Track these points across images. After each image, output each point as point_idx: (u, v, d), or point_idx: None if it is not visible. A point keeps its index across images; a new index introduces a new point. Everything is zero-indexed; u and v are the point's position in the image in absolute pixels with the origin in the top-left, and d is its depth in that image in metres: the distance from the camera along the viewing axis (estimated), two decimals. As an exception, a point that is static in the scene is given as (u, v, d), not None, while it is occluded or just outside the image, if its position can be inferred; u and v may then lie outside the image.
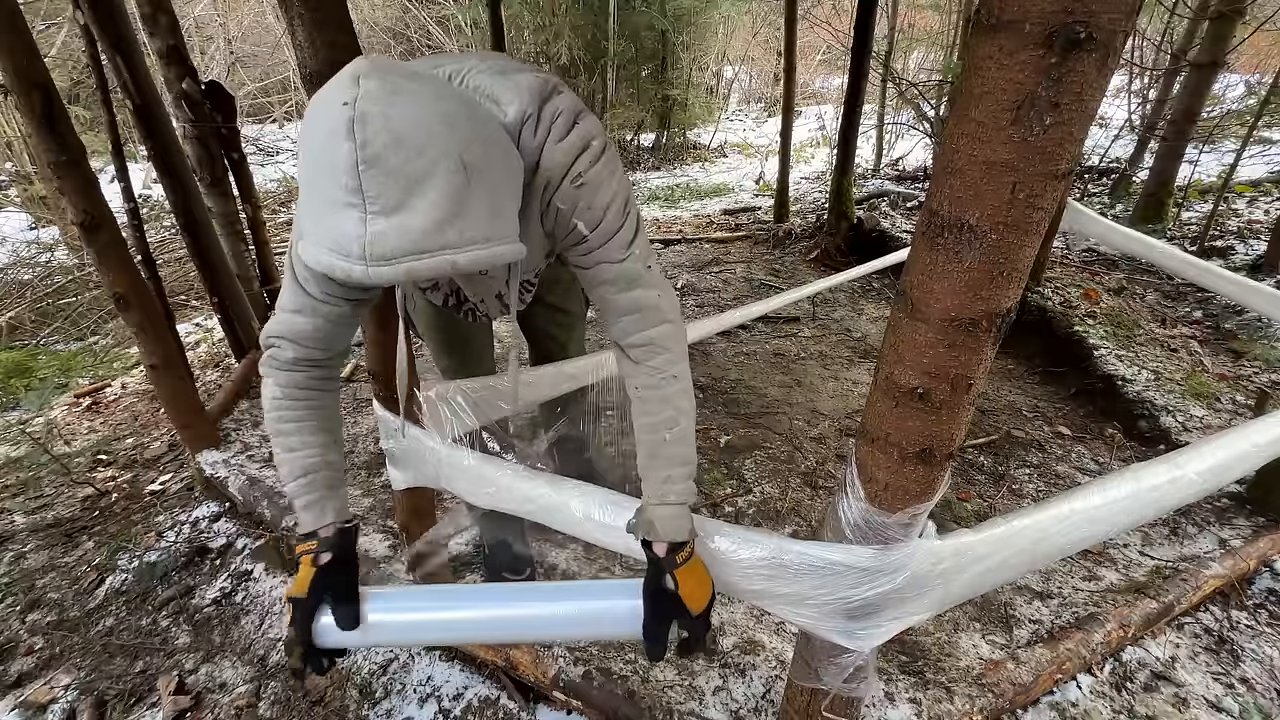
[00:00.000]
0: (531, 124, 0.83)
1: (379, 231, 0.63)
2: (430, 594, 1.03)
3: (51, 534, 2.08)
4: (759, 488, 2.12)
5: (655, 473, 0.95)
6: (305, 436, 0.97)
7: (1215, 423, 2.32)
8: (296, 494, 0.96)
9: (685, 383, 0.97)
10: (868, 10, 3.64)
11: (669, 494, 0.94)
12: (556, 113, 0.84)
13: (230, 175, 2.84)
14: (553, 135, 0.84)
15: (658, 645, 0.90)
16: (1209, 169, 4.79)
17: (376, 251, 0.63)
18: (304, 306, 0.90)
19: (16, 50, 1.57)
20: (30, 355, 3.27)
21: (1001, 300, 0.70)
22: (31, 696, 1.55)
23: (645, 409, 0.96)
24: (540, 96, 0.84)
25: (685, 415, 0.96)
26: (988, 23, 0.59)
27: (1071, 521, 1.03)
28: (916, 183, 5.50)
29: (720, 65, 10.41)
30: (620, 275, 0.92)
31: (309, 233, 0.68)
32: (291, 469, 0.96)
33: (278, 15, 8.03)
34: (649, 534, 0.93)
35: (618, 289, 0.93)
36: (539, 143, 0.84)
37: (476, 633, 1.01)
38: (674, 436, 0.95)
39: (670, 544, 0.91)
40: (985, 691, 1.39)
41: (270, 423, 0.97)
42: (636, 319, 0.94)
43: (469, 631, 1.01)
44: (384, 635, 0.96)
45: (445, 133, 0.64)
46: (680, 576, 0.90)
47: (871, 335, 3.25)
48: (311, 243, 0.67)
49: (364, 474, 2.19)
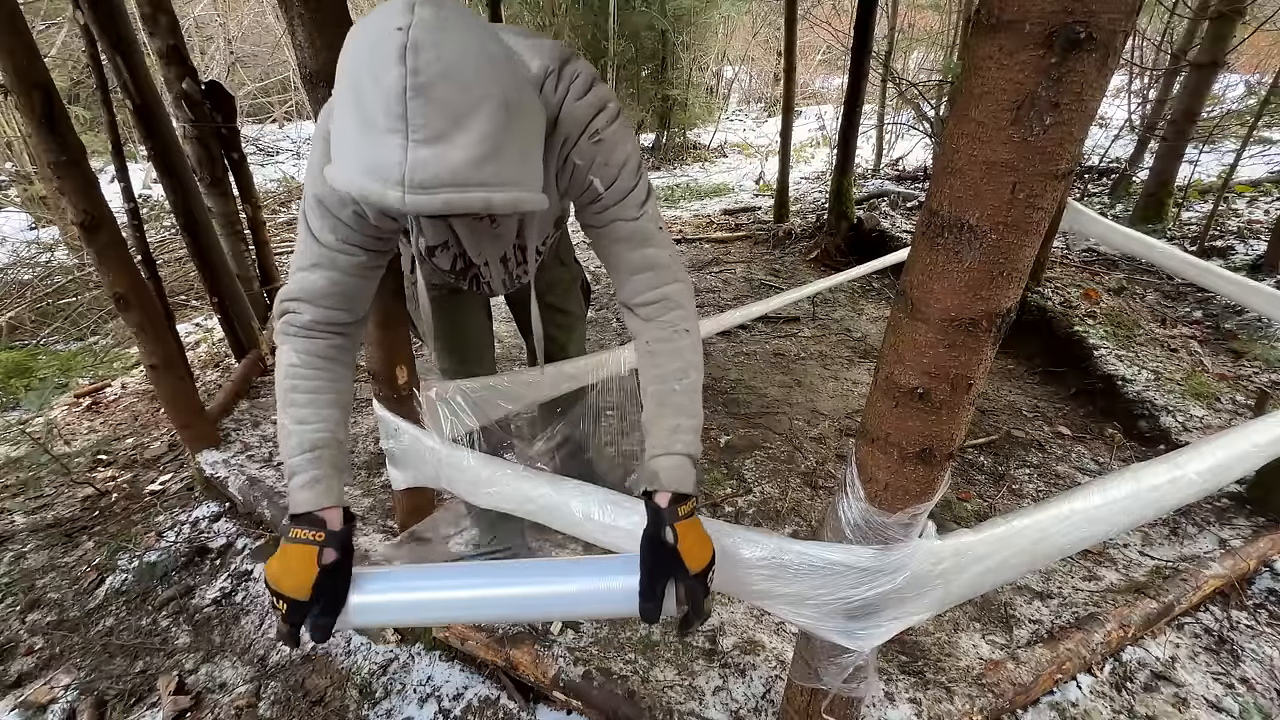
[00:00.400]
0: (553, 80, 0.86)
1: (420, 160, 0.64)
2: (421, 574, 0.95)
3: (51, 534, 2.08)
4: (759, 488, 2.12)
5: (663, 422, 0.93)
6: (319, 409, 0.91)
7: (1215, 423, 2.32)
8: (299, 469, 0.89)
9: (696, 339, 0.97)
10: (868, 10, 3.64)
11: (675, 444, 0.91)
12: (575, 73, 0.88)
13: (230, 175, 2.85)
14: (572, 93, 0.87)
15: (652, 604, 0.83)
16: (1209, 169, 4.79)
17: (417, 179, 0.64)
18: (320, 259, 0.89)
19: (16, 50, 1.57)
20: (30, 355, 3.27)
21: (1001, 300, 0.70)
22: (31, 696, 1.55)
23: (656, 362, 0.95)
24: (561, 58, 0.88)
25: (695, 369, 0.96)
26: (988, 23, 0.59)
27: (1071, 521, 1.03)
28: (916, 183, 5.50)
29: (720, 65, 10.42)
30: (634, 234, 0.94)
31: (343, 158, 0.68)
32: (300, 442, 0.90)
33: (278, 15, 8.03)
34: (652, 484, 0.89)
35: (631, 247, 0.95)
36: (559, 98, 0.87)
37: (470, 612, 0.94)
38: (684, 388, 0.94)
39: (673, 495, 0.87)
40: (985, 691, 1.39)
41: (282, 392, 0.92)
42: (649, 277, 0.96)
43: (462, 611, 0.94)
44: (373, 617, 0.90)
45: (491, 72, 0.66)
46: (680, 530, 0.85)
47: (871, 335, 3.25)
48: (347, 167, 0.67)
49: (364, 474, 2.19)
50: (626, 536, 1.03)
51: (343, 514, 0.89)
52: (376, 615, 0.90)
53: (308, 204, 0.89)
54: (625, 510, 1.04)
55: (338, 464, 0.91)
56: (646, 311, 0.97)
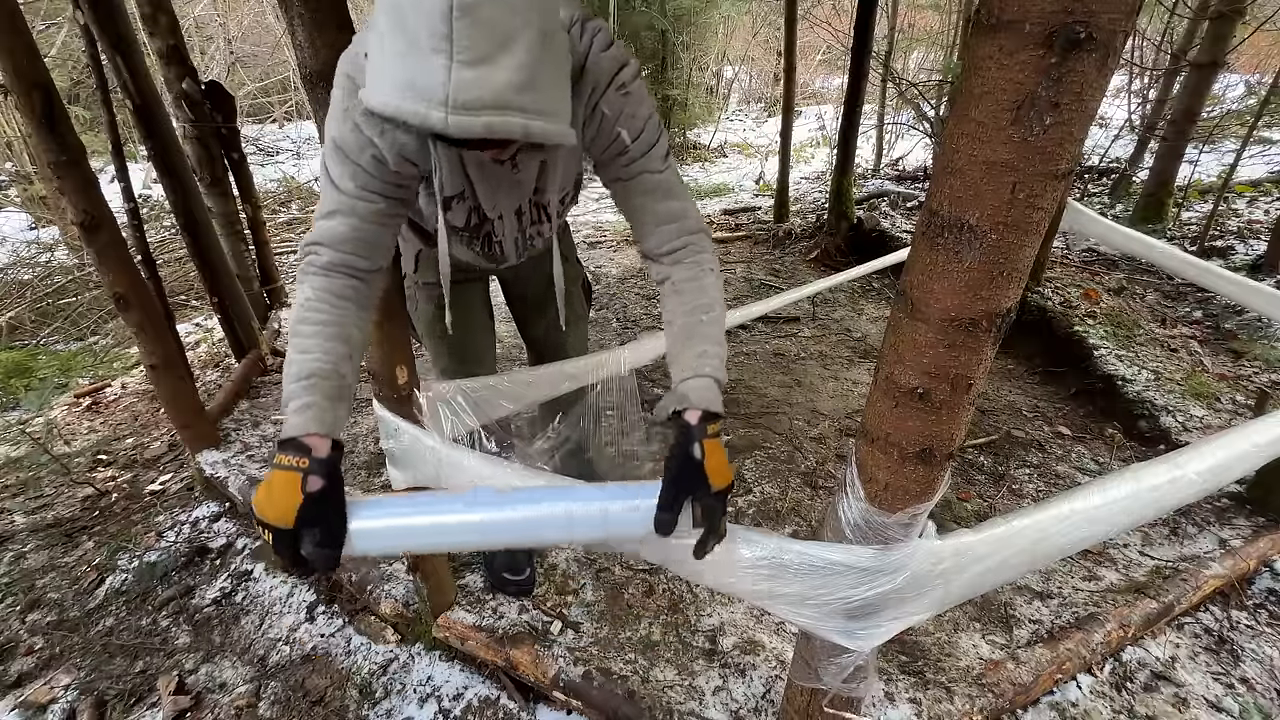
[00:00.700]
0: (578, 29, 0.90)
1: (464, 80, 0.65)
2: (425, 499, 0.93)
3: (51, 534, 2.08)
4: (759, 488, 2.12)
5: (691, 349, 0.96)
6: (323, 341, 0.89)
7: (1215, 423, 2.32)
8: (293, 396, 0.86)
9: (719, 279, 1.03)
10: (868, 10, 3.64)
11: (704, 368, 0.93)
12: (597, 28, 0.92)
13: (230, 175, 2.85)
14: (597, 44, 0.91)
15: (669, 515, 0.84)
16: (1209, 169, 4.78)
17: (460, 99, 0.65)
18: (339, 206, 0.90)
19: (16, 50, 1.57)
20: (30, 355, 3.27)
21: (1001, 300, 0.70)
22: (31, 696, 1.55)
23: (683, 299, 0.99)
24: (583, 14, 0.93)
25: (719, 305, 1.00)
26: (988, 23, 0.59)
27: (1071, 521, 1.03)
28: (916, 183, 5.50)
29: (720, 65, 10.41)
30: (659, 186, 1.00)
31: (382, 79, 0.69)
32: (298, 370, 0.87)
33: (278, 15, 8.03)
34: (681, 404, 0.91)
35: (658, 199, 1.01)
36: (584, 48, 0.90)
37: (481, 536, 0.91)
38: (710, 319, 0.98)
39: (703, 412, 0.89)
40: (985, 691, 1.39)
41: (292, 325, 0.91)
42: (676, 227, 1.01)
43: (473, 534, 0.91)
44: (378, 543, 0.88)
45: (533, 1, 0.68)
46: (708, 447, 0.86)
47: (871, 335, 3.25)
48: (385, 89, 0.68)
49: (364, 474, 2.19)
50: (627, 534, 1.03)
51: (330, 443, 0.86)
52: (381, 541, 0.89)
53: (327, 151, 0.90)
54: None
55: (332, 395, 0.88)
56: (673, 257, 1.01)
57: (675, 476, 0.86)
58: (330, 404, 0.87)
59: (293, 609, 1.76)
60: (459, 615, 1.58)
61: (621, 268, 4.28)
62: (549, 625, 1.59)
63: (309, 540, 0.81)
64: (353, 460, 2.26)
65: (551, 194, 1.15)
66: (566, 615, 1.63)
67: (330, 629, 1.69)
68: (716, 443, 0.88)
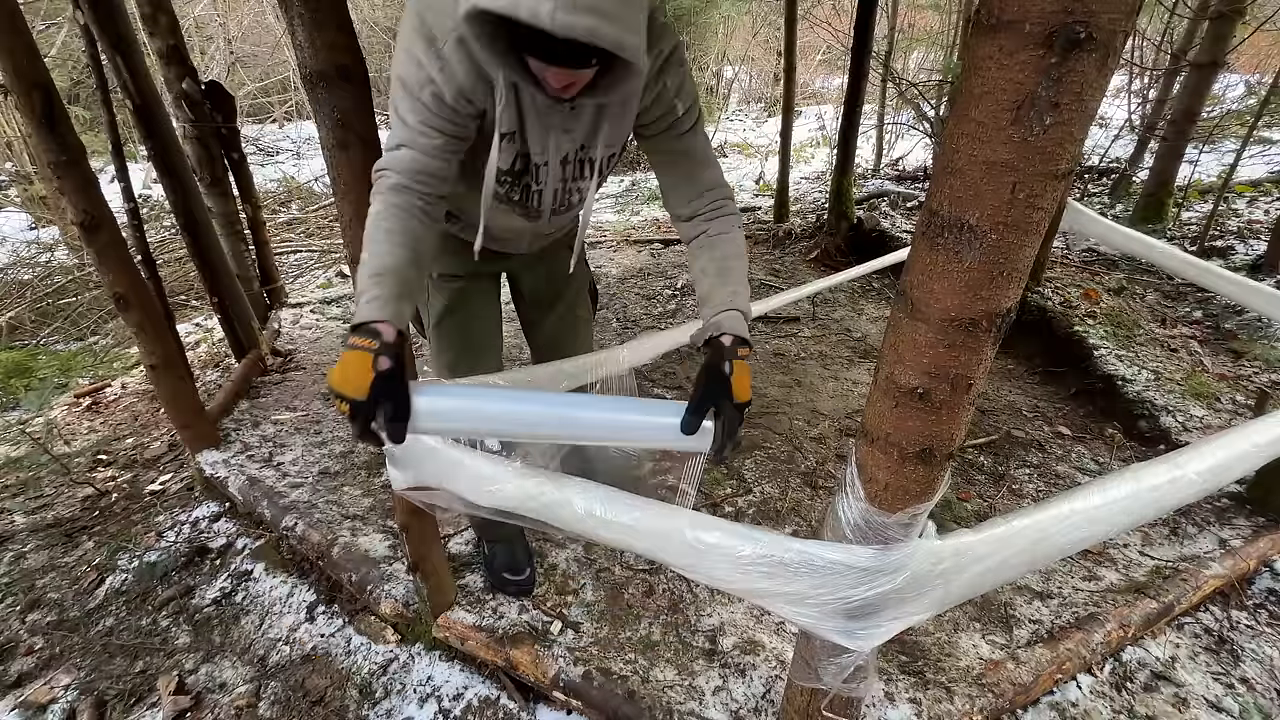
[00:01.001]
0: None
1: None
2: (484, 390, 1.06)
3: (51, 534, 2.08)
4: (759, 488, 2.12)
5: (725, 288, 1.09)
6: (391, 247, 0.97)
7: (1215, 423, 2.32)
8: (364, 290, 0.94)
9: (743, 235, 1.17)
10: (868, 10, 3.64)
11: (736, 301, 1.07)
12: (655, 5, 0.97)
13: (230, 175, 2.85)
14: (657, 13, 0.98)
15: (696, 418, 0.95)
16: (1209, 169, 4.78)
17: None
18: (404, 140, 0.99)
19: (16, 50, 1.57)
20: (30, 355, 3.27)
21: (1001, 300, 0.70)
22: (31, 696, 1.55)
23: (717, 247, 1.13)
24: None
25: (745, 257, 1.15)
26: (988, 23, 0.59)
27: (1071, 521, 1.03)
28: (916, 183, 5.50)
29: (720, 65, 10.41)
30: (702, 154, 1.15)
31: None
32: (369, 268, 0.95)
33: (278, 15, 8.04)
34: (716, 330, 1.04)
35: (705, 167, 1.15)
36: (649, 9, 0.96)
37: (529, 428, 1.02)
38: (739, 266, 1.12)
39: (735, 337, 1.02)
40: (985, 691, 1.39)
41: (366, 236, 0.98)
42: (716, 190, 1.15)
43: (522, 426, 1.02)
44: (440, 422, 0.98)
45: None
46: (736, 367, 0.99)
47: (871, 335, 3.25)
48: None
49: (364, 474, 2.19)
50: (626, 533, 1.03)
51: (396, 331, 0.93)
52: (442, 420, 0.98)
53: (393, 89, 1.00)
54: (627, 506, 1.04)
55: (398, 291, 0.95)
56: (711, 213, 1.15)
57: (705, 386, 0.98)
58: (395, 299, 0.95)
59: (293, 609, 1.76)
60: (459, 615, 1.58)
61: (621, 268, 4.28)
62: (549, 625, 1.59)
63: (382, 413, 0.90)
64: (353, 460, 2.26)
65: (598, 149, 1.15)
66: (566, 615, 1.63)
67: (330, 629, 1.69)
68: (744, 364, 1.01)
